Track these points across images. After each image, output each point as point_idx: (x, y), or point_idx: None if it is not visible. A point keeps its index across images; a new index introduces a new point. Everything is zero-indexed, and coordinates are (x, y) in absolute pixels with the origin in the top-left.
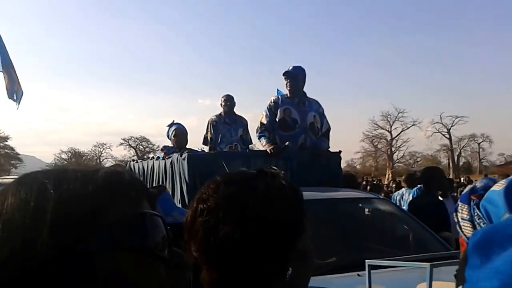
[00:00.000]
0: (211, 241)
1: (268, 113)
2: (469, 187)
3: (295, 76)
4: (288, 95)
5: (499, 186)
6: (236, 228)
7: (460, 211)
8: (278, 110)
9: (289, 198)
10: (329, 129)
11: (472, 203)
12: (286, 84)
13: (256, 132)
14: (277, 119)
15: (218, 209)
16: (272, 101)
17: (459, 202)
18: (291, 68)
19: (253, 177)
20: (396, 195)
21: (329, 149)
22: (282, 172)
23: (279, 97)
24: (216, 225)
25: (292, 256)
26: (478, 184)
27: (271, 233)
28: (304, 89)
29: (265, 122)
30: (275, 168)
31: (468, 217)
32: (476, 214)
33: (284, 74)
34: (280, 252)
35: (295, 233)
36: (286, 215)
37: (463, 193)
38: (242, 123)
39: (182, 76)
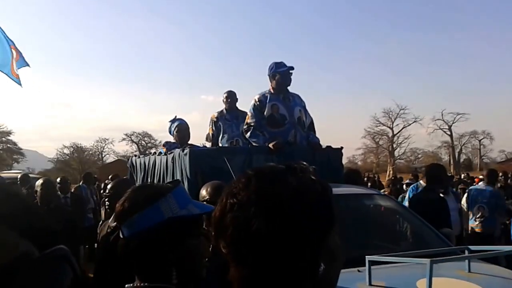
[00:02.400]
0: (242, 236)
1: (253, 113)
2: None
3: (289, 74)
4: (272, 91)
5: None
6: (268, 223)
7: None
8: (266, 107)
9: (319, 193)
10: (312, 121)
11: None
12: (277, 80)
13: (245, 133)
14: (265, 116)
15: (249, 204)
16: (257, 100)
17: None
18: (283, 65)
19: (283, 171)
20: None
21: (329, 145)
22: (312, 167)
23: (264, 94)
24: (248, 220)
25: (323, 252)
26: None
27: (303, 228)
28: (308, 85)
29: (251, 122)
30: (304, 163)
31: None
32: None
33: (278, 72)
34: (312, 247)
35: (326, 228)
36: (317, 210)
37: None
38: (244, 118)
39: (185, 72)
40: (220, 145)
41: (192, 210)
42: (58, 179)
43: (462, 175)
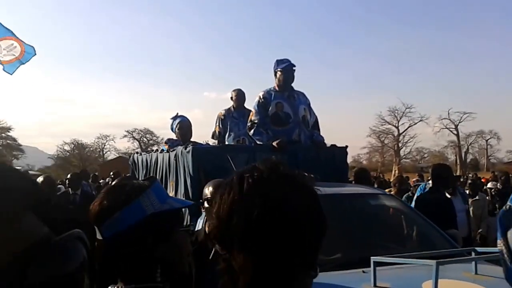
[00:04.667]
0: (245, 227)
1: (258, 110)
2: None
3: (290, 70)
4: (277, 88)
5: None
6: (273, 214)
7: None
8: (270, 104)
9: (313, 198)
10: (316, 120)
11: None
12: (279, 77)
13: (248, 130)
14: (269, 114)
15: (255, 195)
16: (262, 97)
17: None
18: (285, 61)
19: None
20: None
21: (334, 143)
22: (311, 175)
23: (269, 91)
24: (252, 210)
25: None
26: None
27: (306, 223)
28: (313, 82)
29: (255, 119)
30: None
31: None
32: None
33: (279, 69)
34: (312, 246)
35: (324, 229)
36: (319, 209)
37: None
38: None
39: (188, 68)
40: (226, 143)
41: (173, 204)
42: (69, 175)
43: (469, 175)
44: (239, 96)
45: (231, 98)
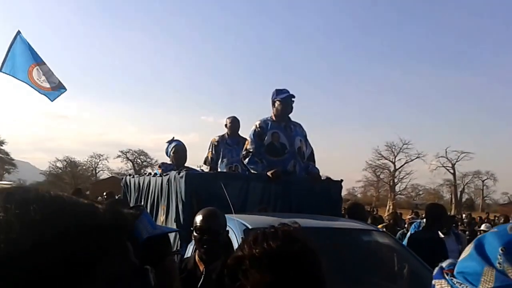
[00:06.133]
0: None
1: (253, 139)
2: (436, 269)
3: (289, 101)
4: (274, 118)
5: (466, 252)
6: (275, 277)
7: (437, 287)
8: (266, 134)
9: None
10: (312, 152)
11: (447, 276)
12: (277, 107)
13: (243, 159)
14: (265, 144)
15: (258, 259)
16: (258, 126)
17: (433, 282)
18: (284, 92)
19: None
20: None
21: (329, 176)
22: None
23: (266, 120)
24: (256, 273)
25: None
26: (444, 264)
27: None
28: (311, 113)
29: (251, 148)
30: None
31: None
32: (456, 282)
33: (278, 99)
34: None
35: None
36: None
37: (434, 273)
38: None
39: (187, 91)
40: (218, 169)
41: (163, 229)
42: (71, 192)
43: (464, 215)
44: (234, 123)
45: (226, 125)
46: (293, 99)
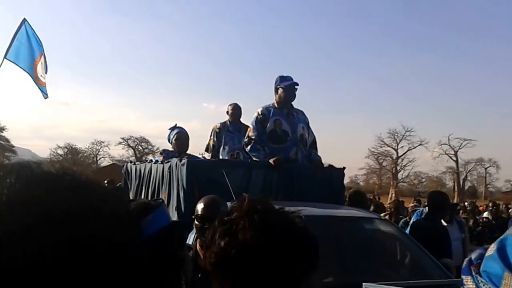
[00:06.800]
0: (229, 251)
1: (255, 126)
2: (465, 261)
3: (293, 89)
4: (276, 105)
5: (491, 251)
6: (256, 236)
7: (465, 284)
8: (268, 121)
9: (309, 235)
10: (314, 139)
11: (473, 273)
12: (280, 94)
13: (245, 146)
14: (267, 131)
15: (239, 219)
16: (260, 113)
17: (462, 276)
18: (288, 79)
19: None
20: None
21: (331, 164)
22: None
23: (268, 107)
24: (236, 232)
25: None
26: (473, 255)
27: (291, 251)
28: (314, 100)
29: (253, 135)
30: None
31: (474, 287)
32: (480, 281)
33: (281, 85)
34: (296, 273)
35: (313, 261)
36: (305, 240)
37: (463, 267)
38: (246, 131)
39: (189, 78)
40: (220, 157)
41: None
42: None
43: (467, 203)
44: (235, 110)
45: (227, 112)
46: (296, 86)
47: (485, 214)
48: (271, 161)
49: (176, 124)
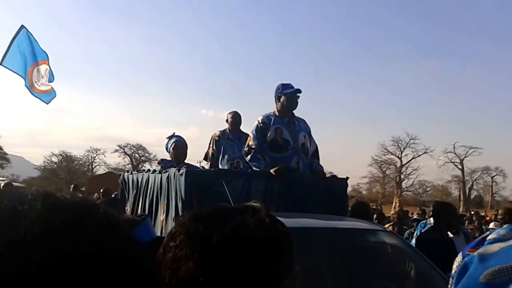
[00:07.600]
0: (173, 281)
1: (256, 135)
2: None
3: (295, 97)
4: (277, 113)
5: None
6: (197, 266)
7: None
8: (269, 130)
9: (267, 237)
10: (316, 148)
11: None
12: (282, 102)
13: (245, 155)
14: (268, 140)
15: (182, 246)
16: (261, 121)
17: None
18: (290, 87)
19: (225, 213)
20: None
21: (334, 173)
22: (266, 206)
23: (269, 116)
24: (179, 262)
25: None
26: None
27: (238, 276)
28: (319, 107)
29: (253, 144)
30: (257, 202)
31: None
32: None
33: (284, 93)
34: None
35: (271, 279)
36: (259, 257)
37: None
38: (247, 140)
39: (187, 84)
40: (219, 165)
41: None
42: (72, 186)
43: (472, 212)
44: (235, 118)
45: (227, 120)
46: (298, 94)
47: (491, 225)
48: (272, 170)
49: (174, 133)
